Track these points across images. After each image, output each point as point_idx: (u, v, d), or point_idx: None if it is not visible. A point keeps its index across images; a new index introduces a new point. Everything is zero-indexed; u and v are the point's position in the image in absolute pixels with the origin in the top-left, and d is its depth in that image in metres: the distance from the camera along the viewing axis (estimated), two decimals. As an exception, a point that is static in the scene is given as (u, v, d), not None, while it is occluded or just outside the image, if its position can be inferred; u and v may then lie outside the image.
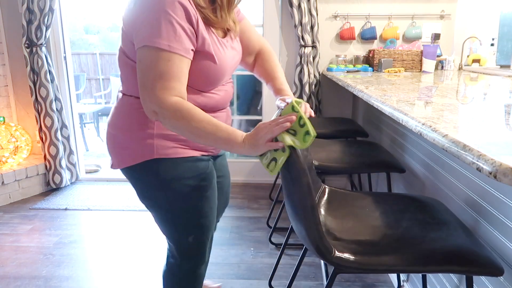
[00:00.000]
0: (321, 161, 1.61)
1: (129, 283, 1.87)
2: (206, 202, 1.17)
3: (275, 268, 1.89)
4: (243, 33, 1.23)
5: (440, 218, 1.05)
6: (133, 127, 1.09)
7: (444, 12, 2.83)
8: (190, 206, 1.15)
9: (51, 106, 2.93)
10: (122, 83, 1.15)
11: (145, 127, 1.08)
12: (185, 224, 1.17)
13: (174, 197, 1.13)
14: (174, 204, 1.14)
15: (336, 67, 2.74)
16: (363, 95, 1.46)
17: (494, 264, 0.86)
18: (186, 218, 1.17)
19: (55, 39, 3.04)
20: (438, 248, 0.91)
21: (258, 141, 0.93)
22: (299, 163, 0.85)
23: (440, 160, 1.42)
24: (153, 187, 1.13)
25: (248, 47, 1.27)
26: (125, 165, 1.12)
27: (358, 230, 1.03)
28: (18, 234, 2.37)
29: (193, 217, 1.17)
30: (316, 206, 0.88)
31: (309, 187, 0.86)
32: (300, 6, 2.71)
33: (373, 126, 2.43)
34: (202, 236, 1.20)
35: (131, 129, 1.10)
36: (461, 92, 1.48)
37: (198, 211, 1.16)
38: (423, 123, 0.87)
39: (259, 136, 0.93)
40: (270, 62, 1.27)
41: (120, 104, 1.13)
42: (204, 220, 1.18)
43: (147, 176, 1.12)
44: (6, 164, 2.88)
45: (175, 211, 1.15)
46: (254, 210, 2.67)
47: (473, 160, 0.64)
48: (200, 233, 1.19)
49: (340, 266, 0.89)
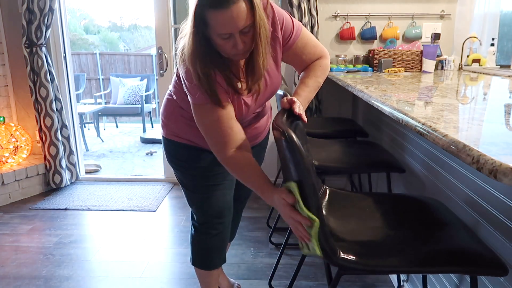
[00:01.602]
0: (321, 161, 1.60)
1: (129, 283, 1.87)
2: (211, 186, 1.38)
3: (275, 268, 1.89)
4: (294, 56, 1.30)
5: (442, 218, 1.05)
6: (163, 113, 1.38)
7: (444, 12, 2.83)
8: (189, 180, 1.39)
9: (51, 106, 2.93)
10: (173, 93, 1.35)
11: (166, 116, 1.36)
12: (192, 197, 1.42)
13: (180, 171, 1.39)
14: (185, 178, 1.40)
15: (336, 67, 2.74)
16: (363, 95, 1.46)
17: (498, 264, 0.85)
18: (188, 189, 1.41)
19: (55, 39, 3.04)
20: (442, 249, 0.91)
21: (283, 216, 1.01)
22: (304, 164, 0.85)
23: (440, 160, 1.43)
24: (175, 160, 1.39)
25: (300, 67, 1.35)
26: (165, 136, 1.40)
27: (361, 231, 1.03)
28: (18, 234, 2.37)
29: (198, 193, 1.39)
30: (321, 207, 0.88)
31: (314, 188, 0.86)
32: (300, 6, 2.71)
33: (373, 126, 2.43)
34: (206, 211, 1.41)
35: (162, 115, 1.38)
36: (461, 92, 1.48)
37: (200, 187, 1.38)
38: (423, 123, 0.87)
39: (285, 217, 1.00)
40: (304, 77, 1.31)
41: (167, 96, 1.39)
42: (208, 198, 1.38)
43: (174, 151, 1.38)
44: (6, 164, 2.88)
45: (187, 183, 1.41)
46: (254, 210, 2.67)
47: (473, 160, 0.64)
48: (203, 208, 1.41)
49: (345, 267, 0.88)
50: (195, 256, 1.51)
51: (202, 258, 1.50)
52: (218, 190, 1.39)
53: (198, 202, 1.41)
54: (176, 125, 1.34)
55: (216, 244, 1.47)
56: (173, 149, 1.38)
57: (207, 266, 1.51)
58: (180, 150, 1.36)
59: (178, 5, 3.15)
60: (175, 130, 1.35)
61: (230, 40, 1.03)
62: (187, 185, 1.41)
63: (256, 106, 1.27)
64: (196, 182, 1.38)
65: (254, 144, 1.41)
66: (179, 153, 1.37)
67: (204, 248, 1.48)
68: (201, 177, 1.37)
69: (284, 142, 0.86)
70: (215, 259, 1.50)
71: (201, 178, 1.37)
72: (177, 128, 1.34)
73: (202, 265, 1.51)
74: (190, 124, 1.29)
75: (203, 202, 1.40)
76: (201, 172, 1.36)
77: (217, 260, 1.51)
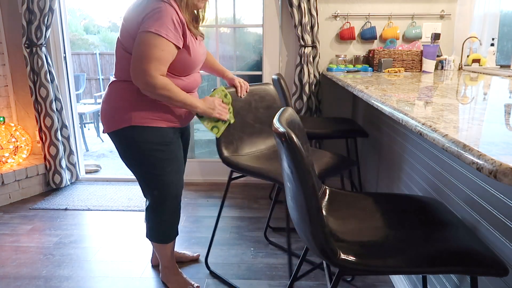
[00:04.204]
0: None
1: (129, 283, 1.88)
2: (168, 163, 1.57)
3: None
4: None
5: (442, 219, 1.05)
6: (118, 103, 1.51)
7: (444, 12, 2.83)
8: (155, 165, 1.55)
9: (51, 106, 2.93)
10: (115, 69, 1.53)
11: (127, 103, 1.49)
12: (151, 179, 1.59)
13: (144, 157, 1.54)
14: (143, 162, 1.55)
15: (336, 67, 2.74)
16: (363, 95, 1.46)
17: (498, 264, 0.85)
18: (151, 174, 1.57)
19: (55, 39, 3.04)
20: (442, 249, 0.90)
21: (212, 111, 1.60)
22: (304, 164, 0.85)
23: (440, 160, 1.43)
24: (130, 148, 1.54)
25: None
26: (111, 130, 1.53)
27: (361, 231, 1.03)
28: (18, 234, 2.37)
29: (156, 174, 1.57)
30: (321, 208, 0.88)
31: (314, 189, 0.86)
32: (300, 6, 2.71)
33: (373, 126, 2.43)
34: (164, 191, 1.61)
35: (117, 104, 1.51)
36: (461, 92, 1.48)
37: (161, 169, 1.57)
38: (423, 123, 0.87)
39: (212, 108, 1.60)
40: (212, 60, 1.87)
41: (113, 87, 1.54)
42: (166, 178, 1.59)
43: (125, 139, 1.52)
44: (6, 164, 2.88)
45: (143, 168, 1.57)
46: (254, 210, 2.67)
47: (473, 160, 0.64)
48: (163, 188, 1.60)
49: (345, 268, 0.88)
50: (154, 231, 1.72)
51: (161, 233, 1.72)
52: (174, 168, 1.61)
53: (158, 182, 1.59)
54: (143, 108, 1.49)
55: (175, 218, 1.72)
56: (145, 134, 1.51)
57: (167, 240, 1.75)
58: (150, 133, 1.52)
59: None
60: (143, 114, 1.49)
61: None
62: (148, 170, 1.57)
63: (201, 53, 1.58)
64: (161, 164, 1.56)
65: (186, 125, 1.69)
66: (150, 136, 1.52)
67: (162, 223, 1.70)
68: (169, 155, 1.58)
69: (284, 142, 0.86)
70: (172, 231, 1.75)
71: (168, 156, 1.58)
72: (145, 111, 1.50)
73: (163, 240, 1.74)
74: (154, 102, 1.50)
75: (163, 182, 1.59)
76: (168, 151, 1.57)
77: (173, 233, 1.76)
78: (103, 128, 1.59)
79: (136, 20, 1.39)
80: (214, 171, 3.26)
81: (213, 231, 1.93)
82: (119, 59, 1.50)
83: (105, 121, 1.55)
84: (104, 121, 1.56)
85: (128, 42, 1.44)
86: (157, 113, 1.52)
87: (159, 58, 1.37)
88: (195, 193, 3.03)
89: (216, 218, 1.95)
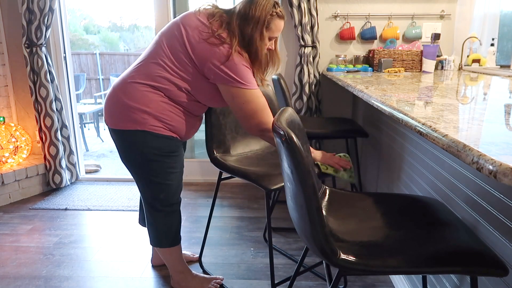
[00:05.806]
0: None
1: (129, 283, 1.87)
2: (173, 169, 1.60)
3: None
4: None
5: (442, 219, 1.05)
6: (137, 105, 1.47)
7: (444, 12, 2.83)
8: (163, 170, 1.57)
9: (51, 106, 2.93)
10: (145, 69, 1.49)
11: (148, 109, 1.48)
12: (158, 183, 1.60)
13: (146, 162, 1.55)
14: (150, 167, 1.56)
15: (336, 67, 2.74)
16: (363, 95, 1.46)
17: (499, 265, 0.85)
18: (159, 178, 1.59)
19: (55, 39, 3.04)
20: (443, 249, 0.90)
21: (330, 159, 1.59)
22: (304, 164, 0.85)
23: (440, 160, 1.42)
24: (132, 151, 1.54)
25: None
26: (118, 127, 1.51)
27: (361, 231, 1.03)
28: (18, 234, 2.37)
29: (164, 178, 1.59)
30: (321, 208, 0.88)
31: (314, 189, 0.86)
32: (300, 6, 2.71)
33: (373, 126, 2.43)
34: (172, 194, 1.65)
35: (135, 106, 1.47)
36: (461, 92, 1.48)
37: (168, 175, 1.60)
38: (423, 123, 0.87)
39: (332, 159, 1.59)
40: None
41: (137, 88, 1.49)
42: (171, 182, 1.62)
43: (131, 141, 1.51)
44: (6, 164, 2.88)
45: (151, 173, 1.57)
46: (254, 210, 2.67)
47: (473, 160, 0.64)
48: (169, 191, 1.63)
49: (345, 268, 0.88)
50: (162, 237, 1.70)
51: (170, 236, 1.72)
52: (178, 174, 1.65)
53: (165, 187, 1.61)
54: (161, 117, 1.50)
55: (178, 220, 1.73)
56: (155, 141, 1.52)
57: (176, 242, 1.74)
58: (161, 141, 1.53)
59: (178, 5, 3.15)
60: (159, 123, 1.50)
61: (270, 42, 1.55)
62: (154, 175, 1.58)
63: None
64: (167, 170, 1.59)
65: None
66: (160, 144, 1.53)
67: (170, 226, 1.70)
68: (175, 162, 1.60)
69: (284, 143, 0.86)
70: (178, 234, 1.75)
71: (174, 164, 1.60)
72: (161, 120, 1.51)
73: (172, 243, 1.73)
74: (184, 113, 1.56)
75: (169, 187, 1.61)
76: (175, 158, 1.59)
77: (179, 235, 1.76)
78: (108, 120, 1.55)
79: (202, 56, 1.44)
80: (214, 171, 3.26)
81: (205, 231, 1.96)
82: (158, 65, 1.48)
83: (114, 115, 1.51)
84: (111, 113, 1.52)
85: (179, 59, 1.47)
86: (170, 124, 1.54)
87: (263, 106, 1.50)
88: (195, 193, 3.03)
89: (208, 217, 1.96)
